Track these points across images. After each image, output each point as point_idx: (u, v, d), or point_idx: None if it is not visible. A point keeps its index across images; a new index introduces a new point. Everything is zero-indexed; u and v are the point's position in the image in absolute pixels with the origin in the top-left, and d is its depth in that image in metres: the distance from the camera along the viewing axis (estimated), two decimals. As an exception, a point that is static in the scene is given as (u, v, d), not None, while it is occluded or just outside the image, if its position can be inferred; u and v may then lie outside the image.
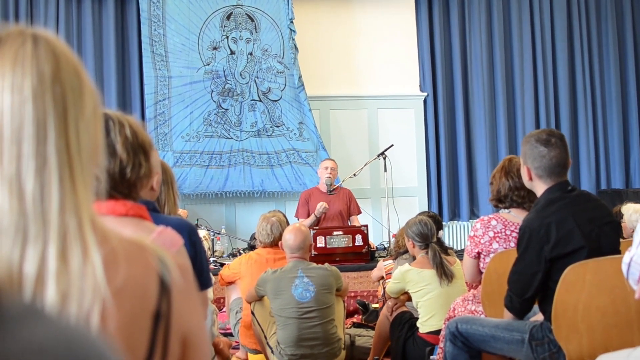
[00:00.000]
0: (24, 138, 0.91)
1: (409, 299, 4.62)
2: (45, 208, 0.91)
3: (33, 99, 0.92)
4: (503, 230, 3.87)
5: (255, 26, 8.45)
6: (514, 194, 3.89)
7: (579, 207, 3.23)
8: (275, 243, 5.00)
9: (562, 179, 3.31)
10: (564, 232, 3.13)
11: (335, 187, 7.20)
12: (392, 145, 7.48)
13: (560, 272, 3.08)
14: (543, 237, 3.14)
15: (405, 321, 4.60)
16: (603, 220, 3.25)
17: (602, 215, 3.27)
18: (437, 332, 4.29)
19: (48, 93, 0.94)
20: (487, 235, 3.91)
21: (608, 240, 3.24)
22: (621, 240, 3.45)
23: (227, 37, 8.37)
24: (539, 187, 3.34)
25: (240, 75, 8.36)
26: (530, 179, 3.36)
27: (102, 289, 0.93)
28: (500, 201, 3.99)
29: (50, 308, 0.86)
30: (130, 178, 1.90)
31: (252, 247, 6.82)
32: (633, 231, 4.65)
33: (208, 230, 7.21)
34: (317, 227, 6.64)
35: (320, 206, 6.90)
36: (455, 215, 9.30)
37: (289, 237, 4.54)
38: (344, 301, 4.85)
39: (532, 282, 3.18)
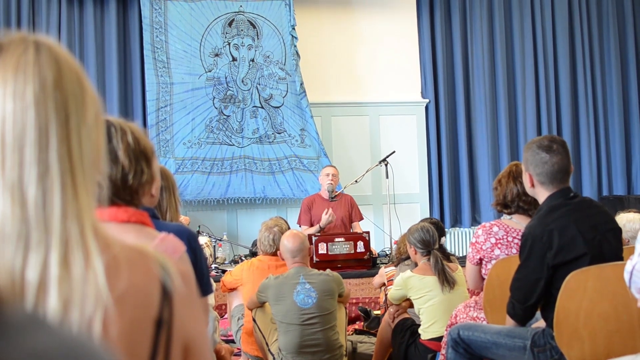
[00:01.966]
0: (26, 145, 0.91)
1: (411, 305, 4.62)
2: (48, 215, 0.91)
3: (35, 106, 0.93)
4: (505, 236, 3.86)
5: (257, 33, 8.46)
6: (520, 200, 3.87)
7: (581, 213, 3.23)
8: (277, 252, 5.00)
9: (564, 186, 3.31)
10: (566, 239, 3.13)
11: (337, 193, 7.20)
12: (393, 152, 7.48)
13: (563, 278, 3.07)
14: (545, 243, 3.14)
15: (407, 328, 4.60)
16: (606, 227, 3.25)
17: (605, 222, 3.27)
18: (439, 338, 4.28)
19: (50, 100, 0.94)
20: (489, 242, 3.91)
21: (610, 247, 3.23)
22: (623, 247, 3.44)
23: (229, 44, 8.38)
24: (541, 194, 3.33)
25: (242, 81, 8.37)
26: (532, 185, 3.36)
27: (104, 296, 0.93)
28: (506, 206, 3.97)
29: (52, 315, 0.86)
30: (132, 185, 1.90)
31: (253, 254, 6.81)
32: (628, 241, 4.64)
33: (210, 237, 7.20)
34: (319, 234, 6.64)
35: (327, 216, 6.88)
36: (457, 222, 9.29)
37: (287, 242, 4.54)
38: (345, 308, 4.85)
39: (534, 289, 3.18)
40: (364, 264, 6.59)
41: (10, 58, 0.94)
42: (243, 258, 7.06)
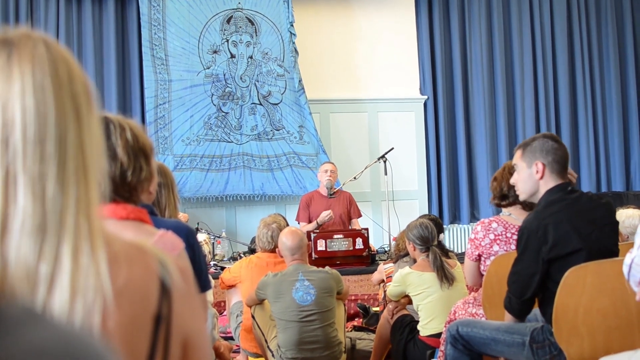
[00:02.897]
0: (47, 139, 0.91)
1: (410, 302, 4.62)
2: (63, 209, 0.90)
3: (55, 100, 0.93)
4: (504, 232, 3.87)
5: (256, 29, 8.45)
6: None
7: (579, 208, 3.23)
8: (276, 249, 5.00)
9: (563, 180, 3.31)
10: (560, 234, 3.14)
11: (335, 190, 7.19)
12: (392, 149, 7.48)
13: (560, 273, 3.08)
14: (540, 238, 3.14)
15: (406, 324, 4.60)
16: (604, 221, 3.25)
17: (603, 216, 3.27)
18: (438, 335, 4.29)
19: (67, 94, 0.94)
20: (488, 238, 3.92)
21: (609, 241, 3.24)
22: (621, 242, 3.44)
23: (227, 41, 8.37)
24: (543, 186, 3.33)
25: (241, 78, 8.36)
26: (542, 176, 3.33)
27: (105, 288, 0.93)
28: (504, 198, 3.99)
29: (60, 308, 0.86)
30: (131, 181, 1.90)
31: (252, 251, 6.81)
32: (627, 237, 4.64)
33: (209, 234, 7.20)
34: (318, 231, 6.64)
35: (326, 215, 6.89)
36: (455, 219, 9.30)
37: (286, 240, 4.54)
38: (344, 304, 4.85)
39: (530, 283, 3.19)
40: (363, 260, 6.60)
41: (25, 52, 0.94)
42: (242, 255, 7.07)
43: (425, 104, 9.18)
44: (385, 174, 7.42)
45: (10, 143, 0.89)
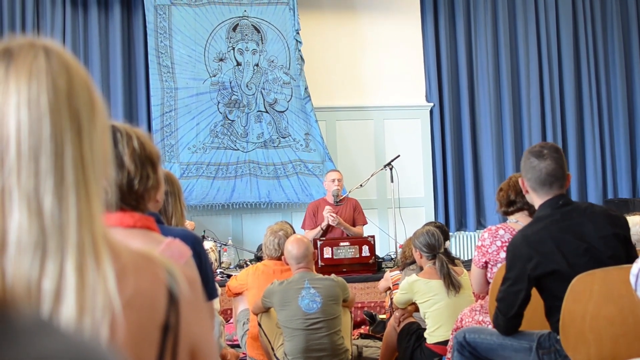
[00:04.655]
0: (41, 154, 0.90)
1: (417, 309, 4.62)
2: (64, 224, 0.90)
3: (50, 115, 0.92)
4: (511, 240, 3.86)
5: (261, 37, 8.46)
6: (525, 197, 3.86)
7: (566, 224, 3.20)
8: (282, 256, 5.00)
9: (555, 193, 3.27)
10: (544, 252, 3.14)
11: (342, 197, 7.18)
12: (398, 156, 7.48)
13: (554, 287, 3.11)
14: (525, 256, 3.15)
15: (413, 332, 4.60)
16: (599, 234, 3.20)
17: (597, 229, 3.21)
18: (445, 342, 4.28)
19: (64, 108, 0.94)
20: (495, 245, 3.92)
21: (603, 254, 3.18)
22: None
23: (233, 49, 8.39)
24: (535, 201, 3.35)
25: (247, 86, 8.37)
26: (527, 191, 3.38)
27: (114, 303, 0.93)
28: (511, 204, 4.00)
29: (67, 322, 0.86)
30: (138, 190, 1.91)
31: (259, 259, 6.81)
32: (635, 244, 4.62)
33: (215, 241, 7.20)
34: (324, 238, 6.63)
35: (326, 212, 6.89)
36: (462, 226, 9.28)
37: (292, 248, 4.54)
38: (350, 312, 4.85)
39: (515, 300, 3.19)
40: (369, 268, 6.58)
41: (22, 65, 0.93)
42: (248, 263, 7.06)
43: (431, 111, 9.17)
44: (392, 181, 7.42)
45: (5, 158, 0.89)
